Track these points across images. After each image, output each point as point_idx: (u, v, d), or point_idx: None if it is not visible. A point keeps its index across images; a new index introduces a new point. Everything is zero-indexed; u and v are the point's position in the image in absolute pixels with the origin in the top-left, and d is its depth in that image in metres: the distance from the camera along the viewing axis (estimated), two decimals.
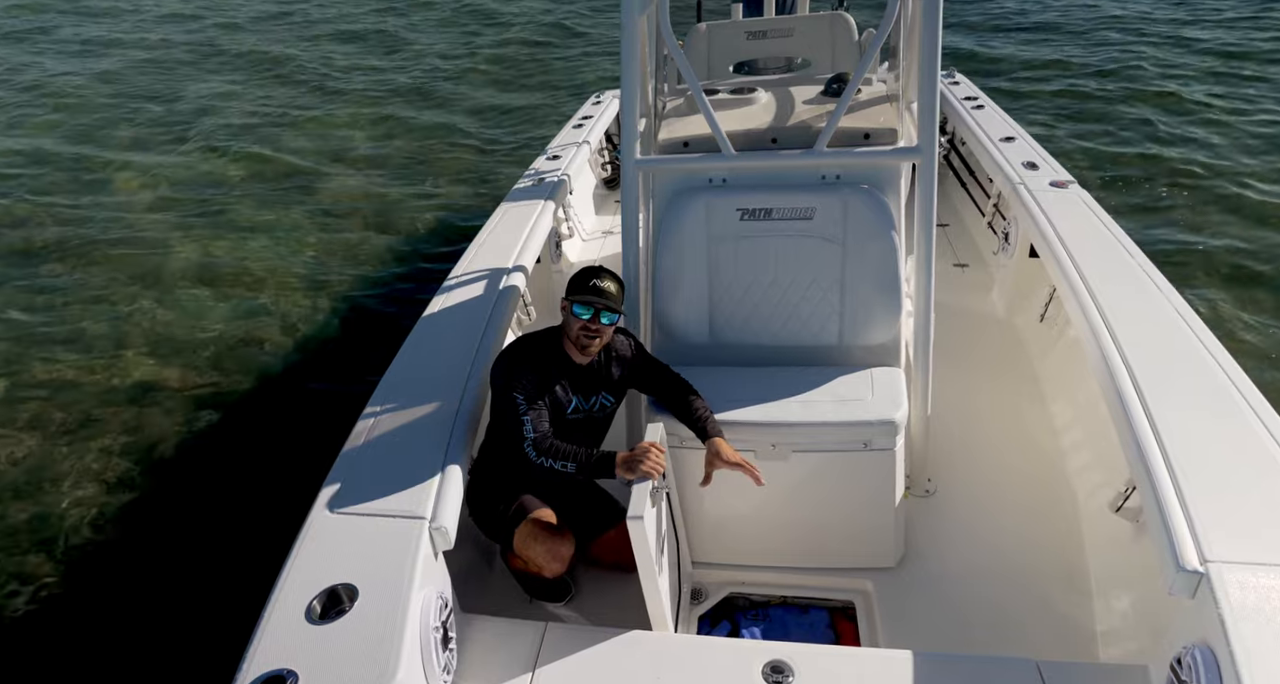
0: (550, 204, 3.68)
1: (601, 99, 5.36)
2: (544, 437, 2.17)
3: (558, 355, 2.30)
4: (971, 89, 4.73)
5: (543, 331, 2.36)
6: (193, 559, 3.48)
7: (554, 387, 2.28)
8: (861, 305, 2.57)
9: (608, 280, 2.24)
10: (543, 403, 2.23)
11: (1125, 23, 10.19)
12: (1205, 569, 1.59)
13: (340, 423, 2.37)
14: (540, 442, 2.16)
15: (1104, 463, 2.57)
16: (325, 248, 6.25)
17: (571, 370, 2.32)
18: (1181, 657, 1.58)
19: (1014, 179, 3.44)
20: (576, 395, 2.33)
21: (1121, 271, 2.69)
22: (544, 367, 2.26)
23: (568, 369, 2.31)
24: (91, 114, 9.55)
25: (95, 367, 4.87)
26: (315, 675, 1.56)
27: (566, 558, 2.32)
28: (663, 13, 2.63)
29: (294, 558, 1.84)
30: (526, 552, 2.32)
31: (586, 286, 2.21)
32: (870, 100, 2.95)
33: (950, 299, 3.29)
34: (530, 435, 2.16)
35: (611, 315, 2.23)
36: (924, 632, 2.31)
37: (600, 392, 2.38)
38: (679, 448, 2.36)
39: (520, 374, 2.21)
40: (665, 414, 2.34)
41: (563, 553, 2.31)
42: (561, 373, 2.30)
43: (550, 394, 2.27)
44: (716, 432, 2.25)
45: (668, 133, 2.91)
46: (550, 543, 2.29)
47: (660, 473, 2.04)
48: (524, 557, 2.34)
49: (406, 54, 11.40)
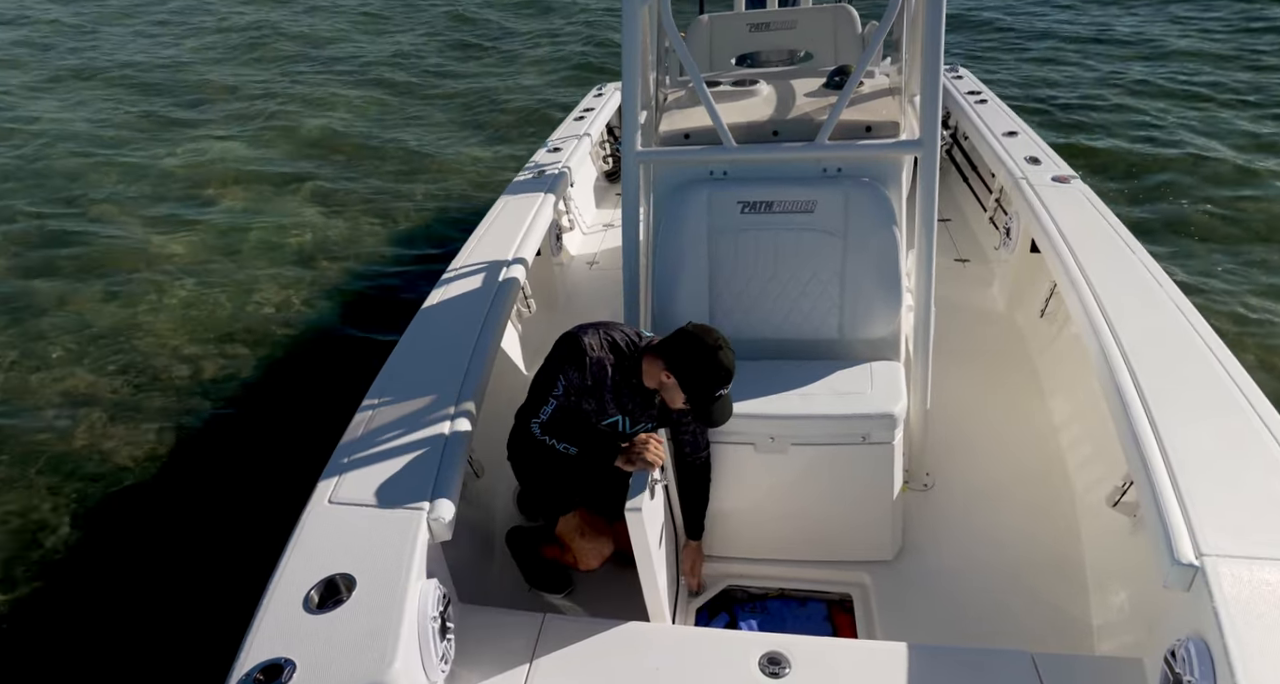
0: (551, 196, 3.67)
1: (603, 91, 5.35)
2: (554, 421, 2.14)
3: (627, 374, 2.12)
4: (974, 83, 4.71)
5: (627, 343, 2.12)
6: (191, 549, 3.49)
7: (605, 395, 2.13)
8: (862, 299, 2.56)
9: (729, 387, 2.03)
10: (577, 402, 2.13)
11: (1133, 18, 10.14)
12: (1200, 562, 1.60)
13: (339, 414, 2.37)
14: (548, 424, 2.14)
15: (1102, 457, 2.57)
16: (324, 239, 6.24)
17: (634, 390, 2.14)
18: (1176, 649, 1.59)
19: (1016, 174, 3.43)
20: (623, 415, 2.18)
21: (1123, 267, 2.69)
22: (606, 375, 2.10)
23: (632, 388, 2.14)
24: (84, 104, 9.53)
25: (93, 359, 4.87)
26: (313, 665, 1.57)
27: (606, 557, 2.38)
28: (664, 4, 2.62)
29: (292, 548, 1.84)
30: (570, 541, 2.36)
31: (714, 397, 2.00)
32: (872, 93, 2.94)
33: (951, 294, 3.29)
34: (544, 417, 2.13)
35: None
36: (921, 624, 2.32)
37: (645, 417, 2.23)
38: None
39: (582, 371, 2.06)
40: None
41: (604, 552, 2.38)
42: (621, 388, 2.13)
43: (597, 400, 2.13)
44: (695, 535, 2.47)
45: (669, 125, 2.90)
46: (597, 542, 2.37)
47: (659, 464, 2.04)
48: (565, 544, 2.38)
49: (404, 43, 11.36)
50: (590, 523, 2.39)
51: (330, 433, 2.25)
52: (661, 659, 1.87)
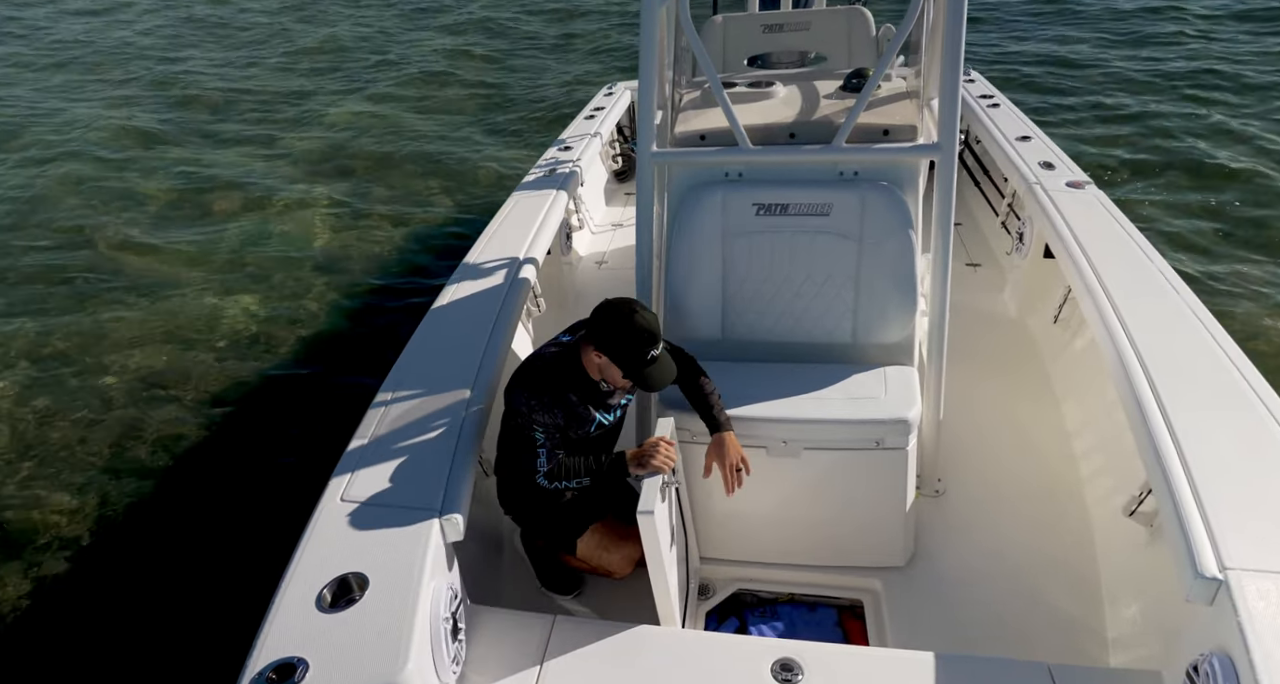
0: (561, 195, 3.66)
1: (613, 90, 5.33)
2: (555, 466, 2.12)
3: (578, 380, 2.16)
4: (987, 87, 4.69)
5: (555, 357, 2.18)
6: (204, 548, 3.48)
7: (577, 413, 2.17)
8: (876, 303, 2.54)
9: (661, 347, 2.05)
10: (561, 436, 2.15)
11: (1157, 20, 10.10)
12: (1224, 576, 1.58)
13: (350, 413, 2.36)
14: (552, 472, 2.13)
15: (1117, 466, 2.55)
16: (335, 239, 6.24)
17: (591, 390, 2.20)
18: (1198, 664, 1.57)
19: (1029, 178, 3.42)
20: (599, 412, 2.24)
21: (1138, 273, 2.67)
22: (565, 399, 2.14)
23: (588, 390, 2.19)
24: (90, 98, 9.54)
25: (105, 358, 4.87)
26: (325, 664, 1.56)
27: (636, 560, 2.35)
28: (682, 5, 2.61)
29: (304, 546, 1.83)
30: (595, 561, 2.37)
31: (645, 360, 2.01)
32: (890, 96, 2.93)
33: (962, 299, 3.27)
34: (543, 469, 2.12)
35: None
36: (932, 631, 2.30)
37: (615, 397, 2.30)
38: (689, 443, 2.35)
39: (543, 410, 2.09)
40: (676, 409, 2.33)
41: (634, 555, 2.36)
42: (583, 397, 2.18)
43: (574, 423, 2.18)
44: (726, 426, 2.21)
45: (684, 126, 2.89)
46: (624, 549, 2.36)
47: (670, 467, 2.03)
48: (593, 563, 2.38)
49: (414, 42, 11.36)
50: (611, 532, 2.38)
51: (342, 431, 2.24)
52: (673, 663, 1.85)
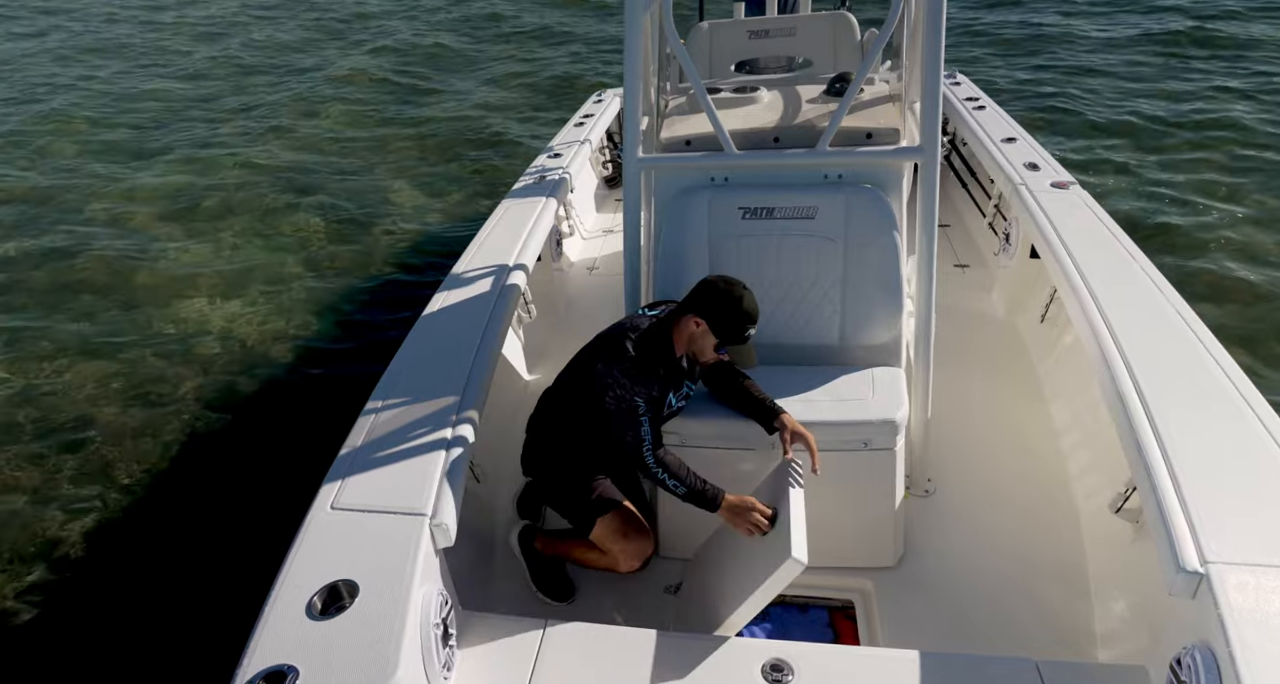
0: (551, 202, 3.68)
1: (603, 98, 5.36)
2: (664, 452, 2.20)
3: (668, 360, 2.28)
4: (973, 89, 4.73)
5: (652, 335, 2.27)
6: (193, 555, 3.48)
7: (668, 392, 2.29)
8: (863, 305, 2.57)
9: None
10: (658, 410, 2.25)
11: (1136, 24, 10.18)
12: (1205, 570, 1.60)
13: (341, 420, 2.36)
14: (660, 455, 2.19)
15: (1104, 464, 2.57)
16: (324, 246, 6.24)
17: (675, 370, 2.31)
18: (1181, 657, 1.59)
19: (1015, 180, 3.45)
20: (674, 394, 2.33)
21: (1123, 273, 2.69)
22: (660, 375, 2.25)
23: (673, 371, 2.31)
24: (84, 123, 9.53)
25: (97, 366, 4.86)
26: (316, 671, 1.56)
27: (646, 557, 2.37)
28: (666, 11, 2.63)
29: (294, 554, 1.84)
30: (610, 545, 2.35)
31: (744, 335, 2.20)
32: (873, 100, 2.95)
33: (950, 300, 3.29)
34: (649, 441, 2.18)
35: None
36: (923, 631, 2.31)
37: (684, 383, 2.39)
38: (694, 447, 2.38)
39: (647, 384, 2.19)
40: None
41: (646, 552, 2.37)
42: (669, 376, 2.29)
43: (663, 400, 2.28)
44: (780, 408, 2.31)
45: (670, 131, 2.91)
46: (639, 542, 2.36)
47: (762, 532, 2.10)
48: (604, 548, 2.37)
49: (404, 49, 11.39)
50: (631, 521, 2.37)
51: (332, 439, 2.24)
52: (664, 666, 1.86)
